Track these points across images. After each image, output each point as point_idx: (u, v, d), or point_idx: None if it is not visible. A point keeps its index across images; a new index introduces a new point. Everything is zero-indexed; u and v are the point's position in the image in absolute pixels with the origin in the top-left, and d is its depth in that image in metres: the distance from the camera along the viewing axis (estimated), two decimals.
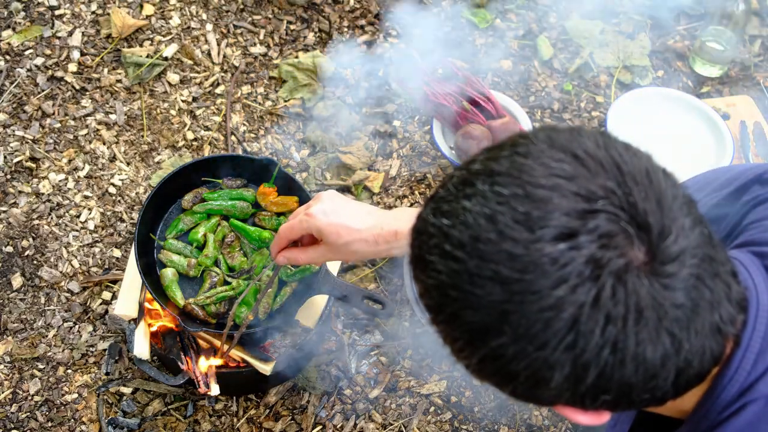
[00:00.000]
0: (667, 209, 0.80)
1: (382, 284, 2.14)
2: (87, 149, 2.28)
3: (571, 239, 0.77)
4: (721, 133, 2.33)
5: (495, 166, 0.83)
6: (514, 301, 0.78)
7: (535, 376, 0.81)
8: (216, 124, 2.37)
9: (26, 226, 2.14)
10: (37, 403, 1.92)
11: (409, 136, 2.39)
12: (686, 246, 0.80)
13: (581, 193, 0.79)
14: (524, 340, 0.79)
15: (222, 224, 1.89)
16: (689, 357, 0.82)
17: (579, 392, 0.82)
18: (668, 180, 0.84)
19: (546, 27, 2.64)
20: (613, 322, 0.77)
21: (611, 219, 0.78)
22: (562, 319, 0.77)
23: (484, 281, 0.79)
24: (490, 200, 0.80)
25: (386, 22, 2.61)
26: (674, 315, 0.79)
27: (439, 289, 0.83)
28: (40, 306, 2.05)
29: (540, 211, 0.78)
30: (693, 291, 0.80)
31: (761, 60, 2.62)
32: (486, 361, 0.83)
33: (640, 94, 2.42)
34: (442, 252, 0.82)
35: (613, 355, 0.78)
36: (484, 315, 0.80)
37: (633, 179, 0.80)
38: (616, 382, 0.81)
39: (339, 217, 1.35)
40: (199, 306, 1.78)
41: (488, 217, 0.80)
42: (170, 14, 2.51)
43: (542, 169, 0.80)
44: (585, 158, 0.81)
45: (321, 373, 1.99)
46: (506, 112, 2.29)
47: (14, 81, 2.35)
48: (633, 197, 0.79)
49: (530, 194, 0.79)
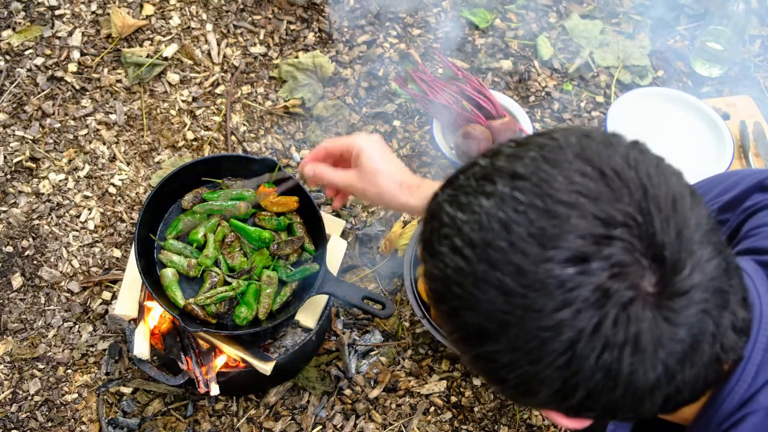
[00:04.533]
0: (686, 241, 0.78)
1: (382, 284, 2.14)
2: (87, 149, 2.28)
3: (583, 264, 0.76)
4: (721, 133, 2.34)
5: (519, 168, 0.81)
6: (515, 314, 0.78)
7: (524, 386, 0.82)
8: (216, 124, 2.37)
9: (26, 226, 2.14)
10: (37, 403, 1.92)
11: (409, 136, 2.39)
12: (699, 281, 0.78)
13: (601, 217, 0.77)
14: (519, 352, 0.79)
15: (222, 224, 1.89)
16: (680, 386, 0.82)
17: (564, 406, 0.83)
18: (695, 207, 0.81)
19: (546, 27, 2.64)
20: (610, 350, 0.77)
21: (627, 248, 0.76)
22: (559, 340, 0.77)
23: (489, 287, 0.78)
24: (508, 205, 0.79)
25: (386, 22, 2.60)
26: (671, 348, 0.78)
27: (443, 281, 0.83)
28: (40, 306, 2.05)
29: (556, 228, 0.76)
30: (696, 326, 0.79)
31: (761, 60, 2.62)
32: (479, 360, 0.84)
33: (640, 94, 2.42)
34: (452, 246, 0.81)
35: (605, 380, 0.78)
36: (483, 320, 0.80)
37: (657, 206, 0.78)
38: (603, 403, 0.81)
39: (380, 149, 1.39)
40: (199, 306, 1.78)
41: (503, 223, 0.78)
42: (170, 14, 2.51)
43: (565, 183, 0.78)
44: (611, 177, 0.79)
45: (321, 373, 1.99)
46: (506, 112, 2.29)
47: (14, 81, 2.35)
48: (653, 227, 0.77)
49: (549, 208, 0.77)
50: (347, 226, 2.18)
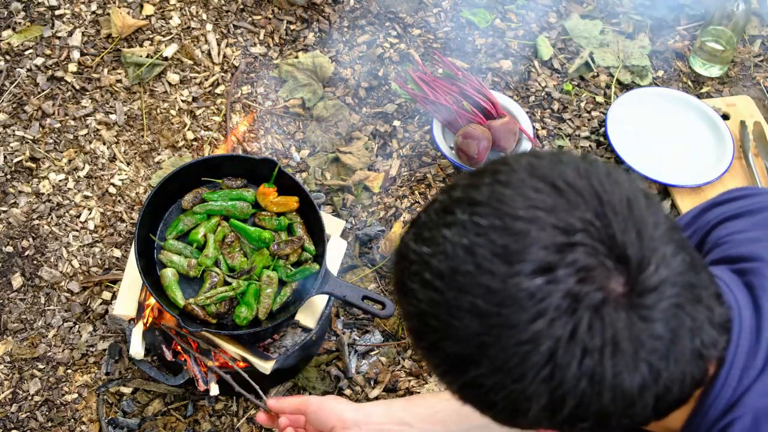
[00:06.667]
0: (647, 239, 0.80)
1: (382, 284, 2.14)
2: (87, 149, 2.28)
3: (549, 273, 0.76)
4: (721, 133, 2.34)
5: (475, 195, 0.83)
6: (491, 334, 0.78)
7: (513, 405, 0.82)
8: (216, 124, 2.37)
9: (26, 226, 2.14)
10: (37, 403, 1.92)
11: (409, 136, 2.39)
12: (666, 276, 0.79)
13: (559, 226, 0.78)
14: (502, 372, 0.79)
15: (222, 224, 1.89)
16: (668, 384, 0.82)
17: (557, 421, 0.82)
18: (650, 207, 0.83)
19: (546, 27, 2.64)
20: (590, 355, 0.77)
21: (589, 252, 0.77)
22: (539, 352, 0.77)
23: (463, 313, 0.79)
24: (469, 231, 0.80)
25: (386, 22, 2.61)
26: (652, 346, 0.79)
27: (419, 317, 0.84)
28: (40, 306, 2.05)
29: (518, 244, 0.78)
30: (672, 320, 0.79)
31: (761, 60, 2.63)
32: (466, 389, 0.84)
33: (640, 94, 2.42)
34: (422, 281, 0.82)
35: (591, 386, 0.78)
36: (463, 346, 0.80)
37: (613, 210, 0.80)
38: (594, 411, 0.81)
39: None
40: (199, 306, 1.78)
41: (467, 249, 0.79)
42: (170, 14, 2.51)
43: (521, 200, 0.80)
44: (565, 189, 0.80)
45: (321, 373, 1.99)
46: (506, 112, 2.29)
47: (14, 81, 2.35)
48: (612, 229, 0.79)
49: (508, 226, 0.79)
50: (347, 226, 2.18)
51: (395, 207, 2.25)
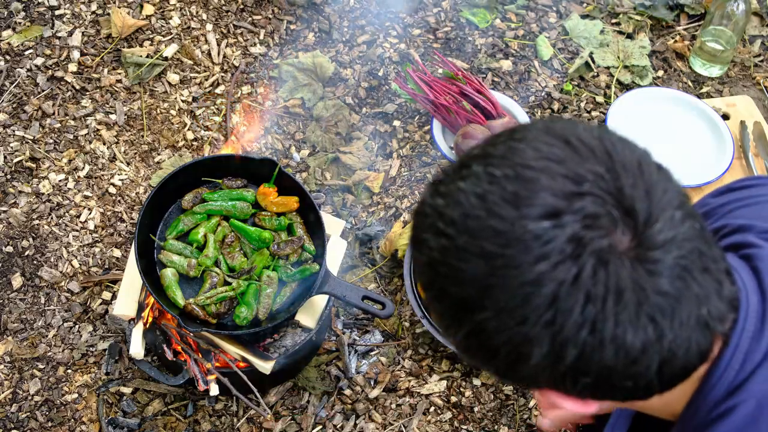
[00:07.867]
0: (656, 200, 0.81)
1: (382, 284, 2.14)
2: (87, 149, 2.28)
3: (556, 218, 0.78)
4: (721, 133, 2.34)
5: (491, 150, 0.85)
6: (496, 275, 0.79)
7: (515, 351, 0.82)
8: (216, 124, 2.37)
9: (26, 226, 2.14)
10: (37, 403, 1.92)
11: (409, 136, 2.39)
12: (673, 236, 0.80)
13: (569, 176, 0.80)
14: (505, 314, 0.80)
15: (222, 224, 1.89)
16: (673, 347, 0.81)
17: (559, 371, 0.82)
18: (661, 174, 0.84)
19: (546, 27, 2.64)
20: (593, 302, 0.78)
21: (597, 202, 0.79)
22: (541, 295, 0.78)
23: (470, 256, 0.81)
24: (483, 180, 0.82)
25: (386, 22, 2.61)
26: (656, 301, 0.79)
27: (430, 265, 0.85)
28: (40, 306, 2.05)
29: (527, 191, 0.80)
30: (678, 281, 0.80)
31: (761, 60, 2.63)
32: (470, 337, 0.85)
33: (640, 94, 2.42)
34: (435, 230, 0.84)
35: (592, 335, 0.79)
36: (468, 289, 0.82)
37: (623, 167, 0.81)
38: (596, 365, 0.81)
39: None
40: (199, 306, 1.78)
41: (479, 196, 0.81)
42: (170, 14, 2.51)
43: (533, 153, 0.82)
44: (577, 144, 0.83)
45: (321, 373, 1.99)
46: (506, 112, 2.29)
47: (14, 81, 2.35)
48: (621, 183, 0.80)
49: (520, 175, 0.81)
50: (347, 226, 2.18)
51: (395, 207, 2.25)
